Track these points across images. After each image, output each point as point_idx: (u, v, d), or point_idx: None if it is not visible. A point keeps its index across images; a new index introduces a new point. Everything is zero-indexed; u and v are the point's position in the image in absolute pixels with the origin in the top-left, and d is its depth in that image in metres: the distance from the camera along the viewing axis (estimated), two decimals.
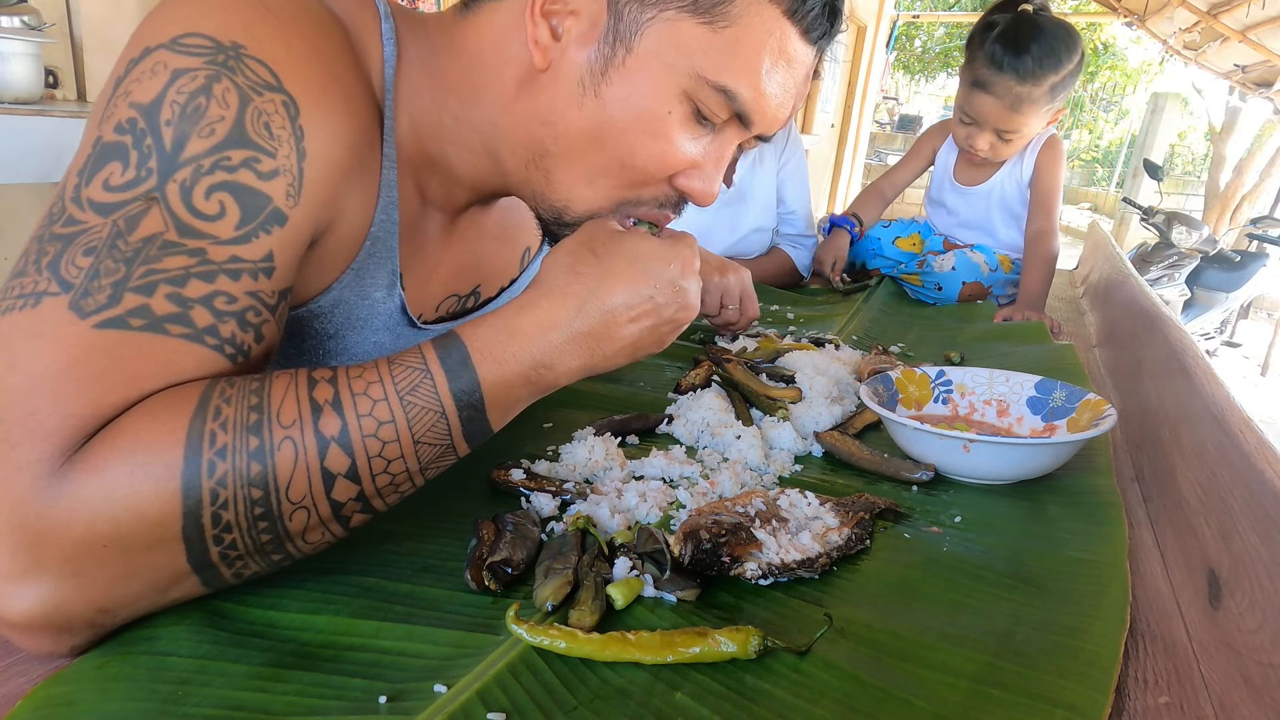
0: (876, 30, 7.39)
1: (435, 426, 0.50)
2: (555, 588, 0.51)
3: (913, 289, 1.62)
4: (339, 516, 0.49)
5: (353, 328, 0.66)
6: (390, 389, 0.49)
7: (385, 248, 0.64)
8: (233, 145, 0.49)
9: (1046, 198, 1.56)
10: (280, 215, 0.51)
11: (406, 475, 0.50)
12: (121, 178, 0.47)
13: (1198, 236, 5.16)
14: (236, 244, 0.49)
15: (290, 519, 0.47)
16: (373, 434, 0.48)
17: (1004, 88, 1.44)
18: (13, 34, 1.58)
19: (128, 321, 0.45)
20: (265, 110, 0.50)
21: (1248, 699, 0.47)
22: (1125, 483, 0.78)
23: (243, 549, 0.46)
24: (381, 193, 0.62)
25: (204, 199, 0.48)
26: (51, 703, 0.42)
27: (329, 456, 0.46)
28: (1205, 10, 4.39)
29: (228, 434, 0.44)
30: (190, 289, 0.47)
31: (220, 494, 0.44)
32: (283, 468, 0.45)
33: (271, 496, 0.45)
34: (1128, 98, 15.57)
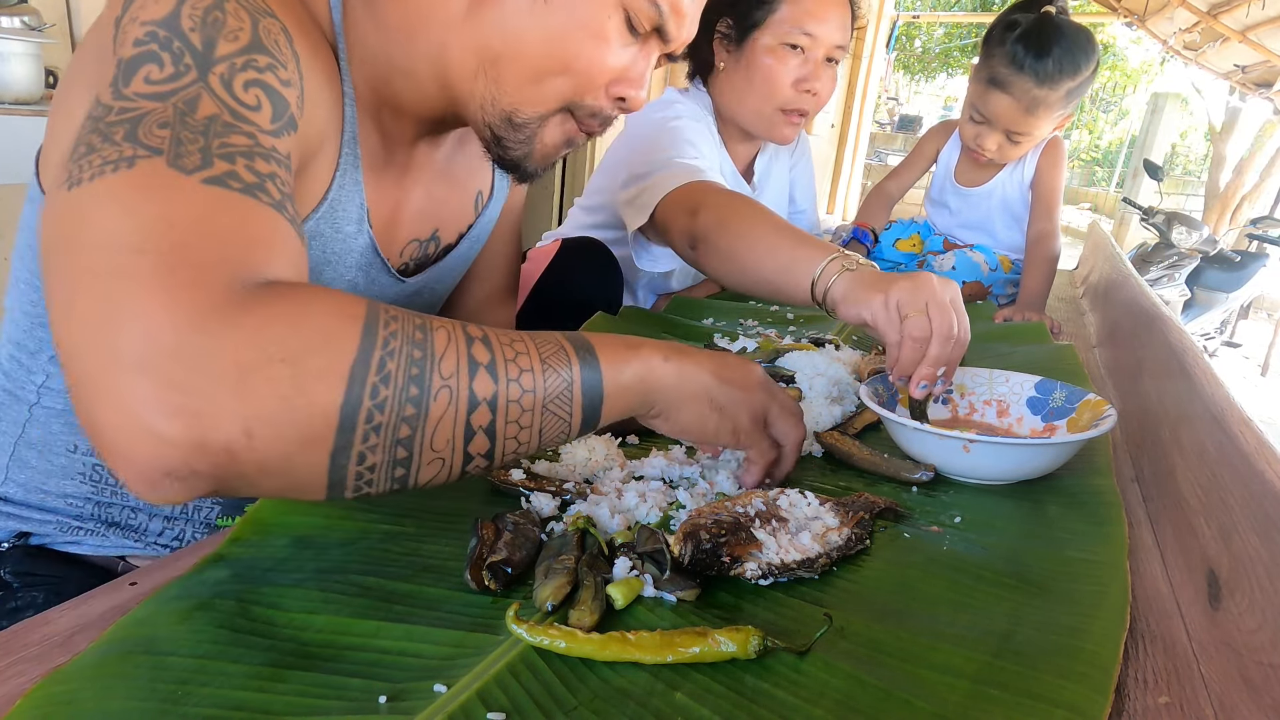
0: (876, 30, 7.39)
1: (563, 403, 0.53)
2: (555, 588, 0.51)
3: None
4: (464, 469, 0.50)
5: (328, 262, 0.70)
6: (536, 361, 0.51)
7: (352, 180, 0.68)
8: (257, 50, 0.53)
9: (1048, 199, 1.56)
10: (294, 122, 0.55)
11: (528, 444, 0.52)
12: (161, 74, 0.48)
13: (1198, 237, 5.16)
14: (274, 135, 0.52)
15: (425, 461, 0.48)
16: (516, 400, 0.50)
17: (1022, 89, 1.43)
18: (13, 34, 1.59)
19: (228, 182, 0.46)
20: (272, 30, 0.55)
21: (1248, 699, 0.47)
22: (1125, 483, 0.78)
23: (387, 426, 0.45)
24: (345, 128, 0.67)
25: (243, 90, 0.51)
26: (51, 701, 0.42)
27: (476, 413, 0.48)
28: (1205, 10, 4.39)
29: (394, 361, 0.45)
30: (259, 165, 0.49)
31: (387, 364, 0.45)
32: (435, 413, 0.47)
33: (417, 435, 0.46)
34: (1128, 98, 15.57)
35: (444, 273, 0.86)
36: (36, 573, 0.73)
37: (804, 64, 1.31)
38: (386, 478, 0.47)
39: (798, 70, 1.31)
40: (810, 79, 1.32)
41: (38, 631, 0.49)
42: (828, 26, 1.29)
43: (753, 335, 1.17)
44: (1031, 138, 1.51)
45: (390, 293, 0.79)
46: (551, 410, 0.52)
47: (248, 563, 0.55)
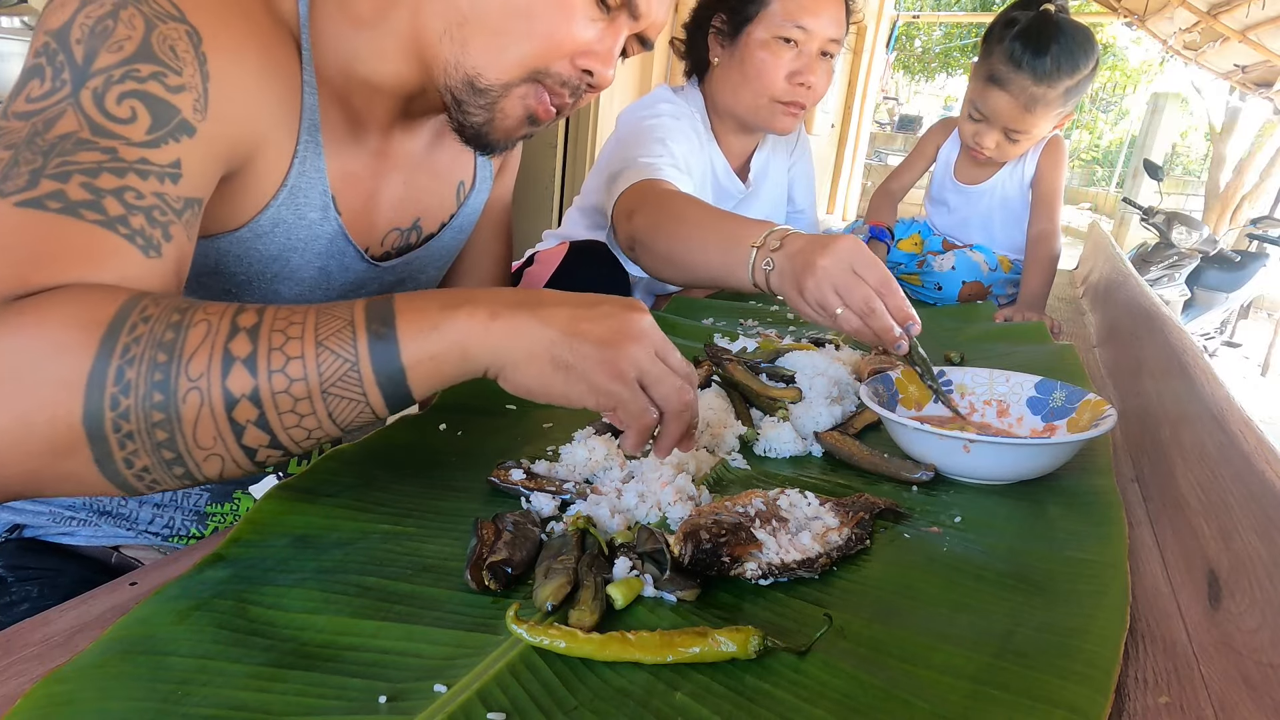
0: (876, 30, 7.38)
1: (349, 384, 0.50)
2: (555, 588, 0.51)
3: (913, 289, 1.62)
4: (254, 461, 0.50)
5: (294, 249, 0.71)
6: (310, 345, 0.49)
7: (313, 168, 0.69)
8: (141, 60, 0.54)
9: (1048, 199, 1.55)
10: (188, 126, 0.56)
11: (319, 429, 0.51)
12: (40, 90, 0.51)
13: (1198, 236, 5.16)
14: (146, 147, 0.53)
15: (199, 459, 0.48)
16: (284, 390, 0.48)
17: (1019, 86, 1.43)
18: (13, 34, 1.59)
19: (45, 203, 0.48)
20: (170, 36, 0.55)
21: (1248, 699, 0.47)
22: (1125, 483, 0.78)
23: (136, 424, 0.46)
24: (304, 116, 0.68)
25: (116, 104, 0.52)
26: (51, 701, 0.42)
27: (237, 410, 0.48)
28: (1205, 10, 4.39)
29: (134, 369, 0.46)
30: (102, 180, 0.51)
31: (123, 425, 0.46)
32: (188, 416, 0.47)
33: (177, 438, 0.47)
34: (1128, 98, 15.57)
35: (426, 261, 0.86)
36: (30, 566, 0.74)
37: (797, 57, 1.32)
38: (169, 475, 0.49)
39: (791, 64, 1.32)
40: (804, 72, 1.32)
41: (38, 631, 0.49)
42: (820, 20, 1.30)
43: (753, 335, 1.17)
44: (1030, 136, 1.50)
45: (366, 278, 0.80)
46: (336, 394, 0.50)
47: (248, 563, 0.55)
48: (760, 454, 0.79)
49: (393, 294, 0.53)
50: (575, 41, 0.68)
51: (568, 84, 0.70)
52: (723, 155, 1.46)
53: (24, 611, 0.70)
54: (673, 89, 1.45)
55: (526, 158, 1.00)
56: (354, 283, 0.79)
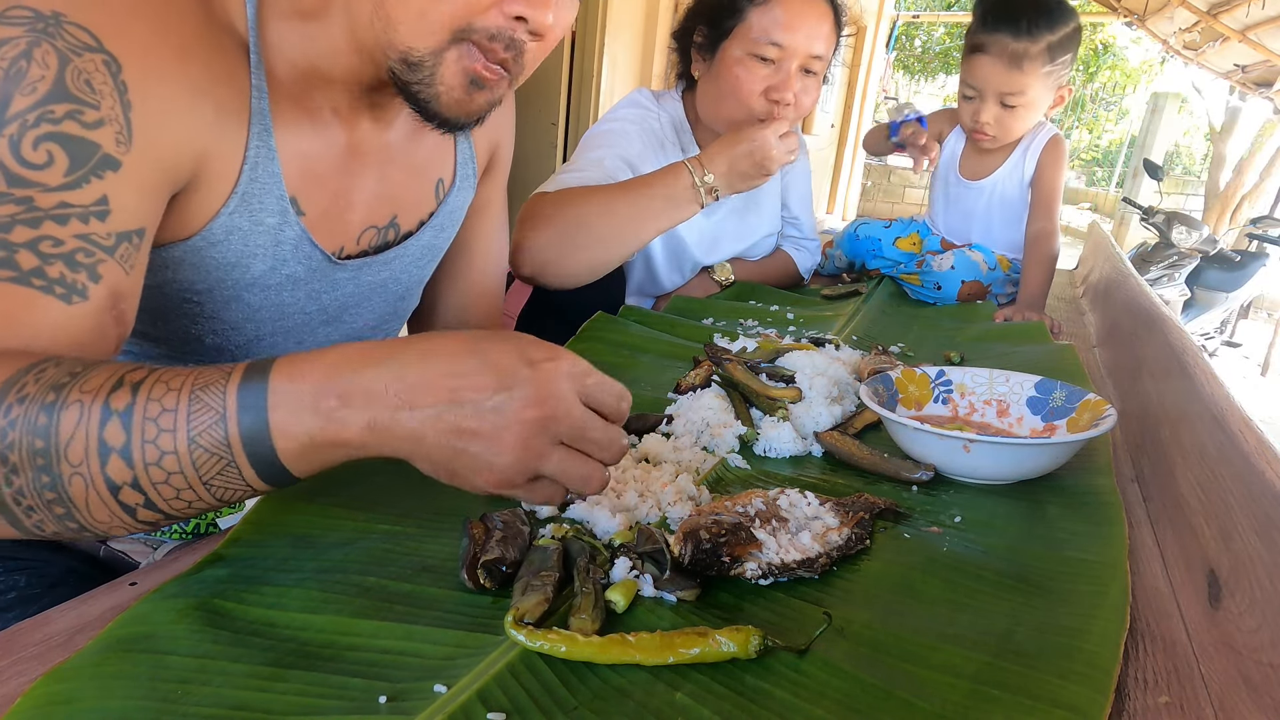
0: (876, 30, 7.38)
1: (225, 471, 0.49)
2: (532, 605, 0.50)
3: (912, 289, 1.62)
4: (155, 527, 0.51)
5: (254, 255, 0.69)
6: (183, 431, 0.47)
7: (267, 173, 0.68)
8: (55, 100, 0.53)
9: (1048, 197, 1.55)
10: (112, 160, 0.55)
11: (200, 504, 0.50)
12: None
13: (1198, 236, 5.16)
14: (66, 190, 0.53)
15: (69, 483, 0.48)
16: (163, 481, 0.48)
17: (999, 46, 1.46)
18: None
19: None
20: (85, 69, 0.54)
21: (1248, 699, 0.47)
22: (1125, 483, 0.78)
23: (32, 500, 0.48)
24: (254, 121, 0.66)
25: (32, 149, 0.52)
26: (51, 700, 0.42)
27: (122, 494, 0.48)
28: (1205, 10, 4.39)
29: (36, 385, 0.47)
30: (15, 235, 0.51)
31: (9, 434, 0.47)
32: (77, 499, 0.48)
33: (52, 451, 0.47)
34: (1128, 98, 15.57)
35: (407, 263, 0.85)
36: (19, 556, 0.74)
37: (774, 74, 1.27)
38: (84, 536, 0.50)
39: (766, 80, 1.27)
40: (780, 89, 1.27)
41: (38, 631, 0.49)
42: (798, 36, 1.25)
43: (753, 335, 1.17)
44: (1026, 101, 1.50)
45: (338, 280, 0.78)
46: (216, 484, 0.49)
47: (247, 562, 0.55)
48: (760, 454, 0.79)
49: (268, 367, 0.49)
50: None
51: (499, 37, 0.65)
52: None
53: (11, 600, 0.71)
54: (653, 93, 1.44)
55: (524, 155, 1.00)
56: (327, 286, 0.77)
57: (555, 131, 4.02)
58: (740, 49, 1.28)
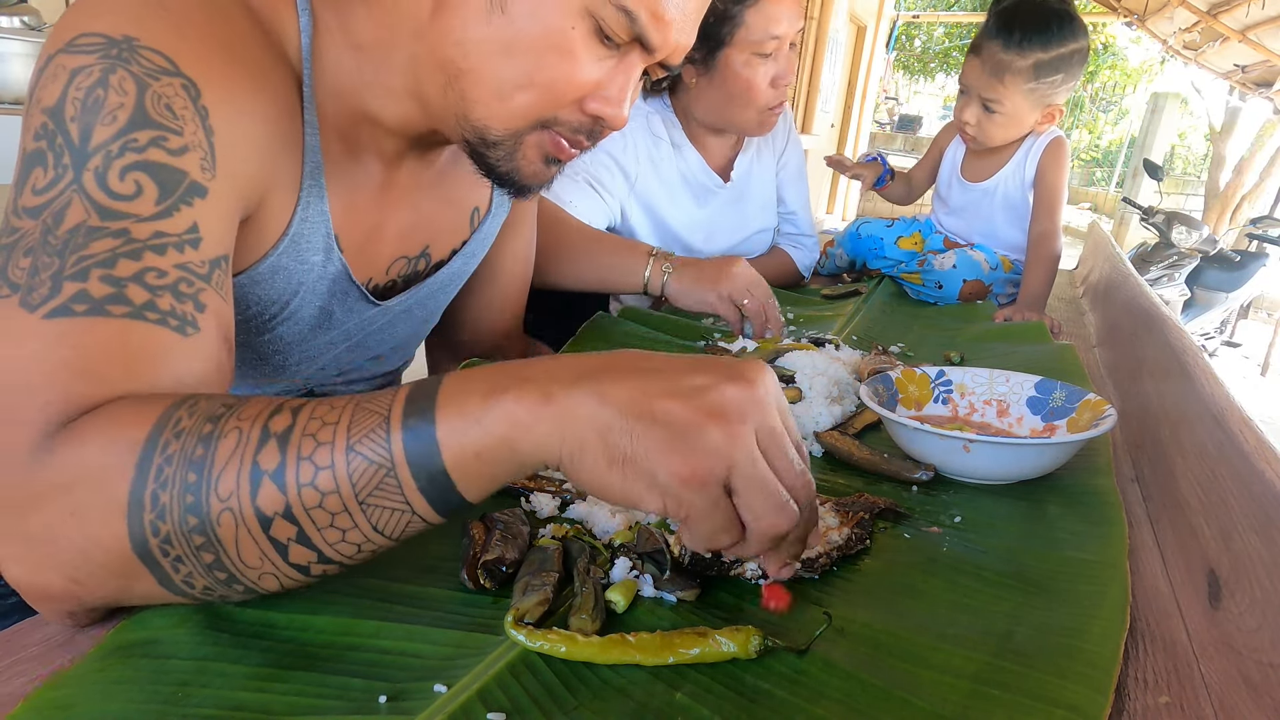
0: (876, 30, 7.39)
1: (389, 494, 0.43)
2: (532, 605, 0.50)
3: (913, 288, 1.62)
4: (311, 576, 0.46)
5: (295, 293, 0.69)
6: (341, 454, 0.43)
7: (317, 212, 0.67)
8: (137, 127, 0.51)
9: (1050, 199, 1.55)
10: (199, 187, 0.53)
11: (369, 542, 0.45)
12: (44, 179, 0.49)
13: (1198, 236, 5.16)
14: (158, 219, 0.51)
15: (253, 579, 0.46)
16: (317, 505, 0.43)
17: (989, 52, 1.48)
18: (13, 34, 1.59)
19: (71, 308, 0.47)
20: (164, 94, 0.52)
21: (1248, 699, 0.47)
22: (1125, 483, 0.78)
23: (180, 550, 0.44)
24: (307, 158, 0.65)
25: (119, 180, 0.50)
26: (52, 705, 0.42)
27: (273, 528, 0.43)
28: (1205, 10, 4.40)
29: (179, 441, 0.44)
30: (120, 269, 0.49)
31: (161, 529, 0.44)
32: (226, 538, 0.44)
33: (223, 559, 0.45)
34: (1128, 98, 15.57)
35: (434, 290, 0.84)
36: None
37: (774, 64, 1.33)
38: (232, 592, 0.47)
39: (769, 74, 1.33)
40: (784, 74, 1.34)
41: (38, 632, 0.49)
42: (785, 23, 1.30)
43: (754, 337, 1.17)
44: (1004, 111, 1.51)
45: (372, 316, 0.78)
46: (375, 504, 0.43)
47: None
48: None
49: (440, 378, 0.45)
50: (579, 86, 0.63)
51: (580, 129, 0.66)
52: (699, 155, 1.45)
53: (12, 604, 0.70)
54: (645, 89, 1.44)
55: None
56: (357, 320, 0.78)
57: None
58: (743, 52, 1.30)
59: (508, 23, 0.60)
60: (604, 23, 0.61)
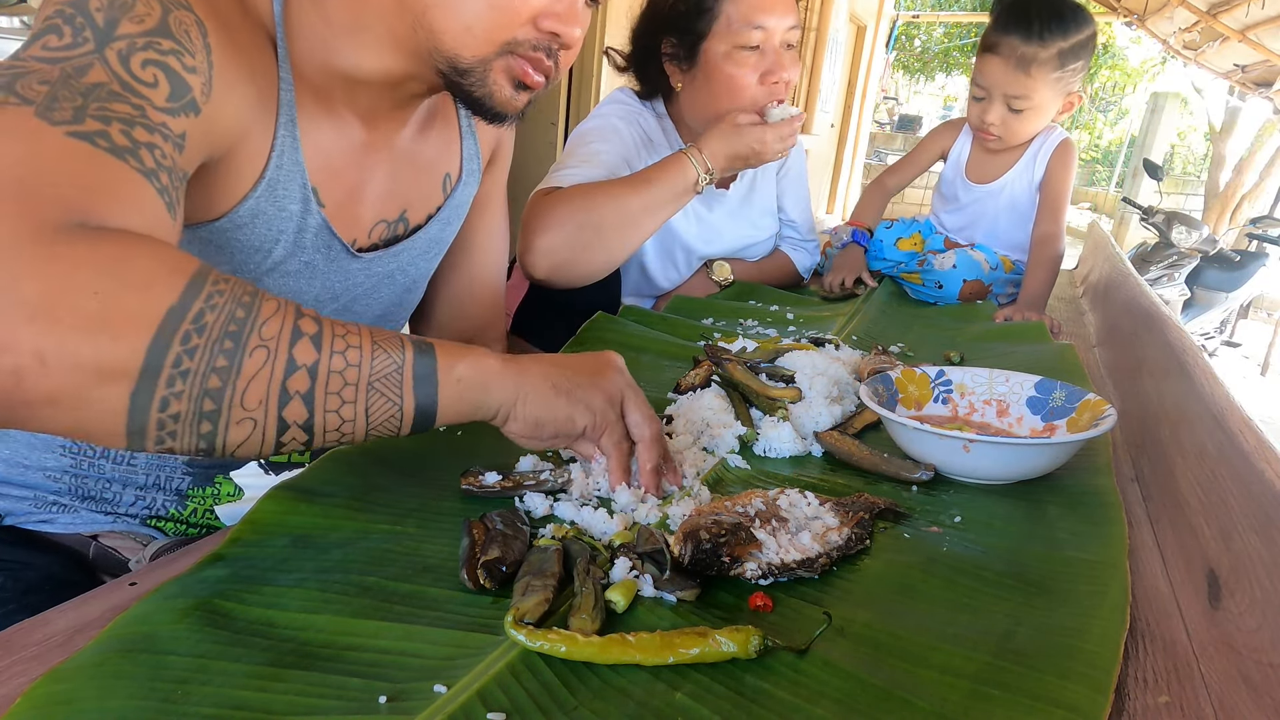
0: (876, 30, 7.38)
1: (391, 384, 0.54)
2: (532, 606, 0.50)
3: (913, 288, 1.62)
4: (278, 439, 0.52)
5: (277, 240, 0.72)
6: (367, 340, 0.53)
7: (291, 161, 0.71)
8: (162, 35, 0.56)
9: (1055, 201, 1.55)
10: (195, 105, 0.58)
11: (351, 423, 0.53)
12: (59, 43, 0.53)
13: (1198, 236, 5.16)
14: (166, 114, 0.55)
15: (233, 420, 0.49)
16: (339, 371, 0.52)
17: (1009, 48, 1.46)
18: (13, 34, 1.59)
19: (95, 140, 0.49)
20: (184, 21, 0.58)
21: (1248, 699, 0.47)
22: (1125, 483, 0.78)
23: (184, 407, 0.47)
24: (281, 111, 0.69)
25: (141, 68, 0.54)
26: (51, 700, 0.42)
27: (293, 377, 0.50)
28: (1205, 10, 4.40)
29: (213, 314, 0.47)
30: (137, 133, 0.52)
31: (184, 361, 0.46)
32: (248, 369, 0.48)
33: (227, 389, 0.48)
34: (1128, 98, 15.58)
35: (415, 255, 0.87)
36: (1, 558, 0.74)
37: (763, 58, 1.26)
38: (191, 431, 0.48)
39: (758, 67, 1.26)
40: (775, 70, 1.26)
41: (38, 631, 0.49)
42: (775, 15, 1.25)
43: (752, 335, 1.17)
44: (1032, 105, 1.50)
45: (353, 271, 0.80)
46: (378, 389, 0.53)
47: (247, 562, 0.55)
48: (760, 454, 0.79)
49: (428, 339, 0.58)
50: (530, 5, 0.69)
51: (539, 48, 0.71)
52: None
53: (12, 606, 0.70)
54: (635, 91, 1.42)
55: (524, 153, 1.00)
56: (341, 275, 0.80)
57: (555, 131, 4.02)
58: (724, 44, 1.26)
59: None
60: None
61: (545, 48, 0.72)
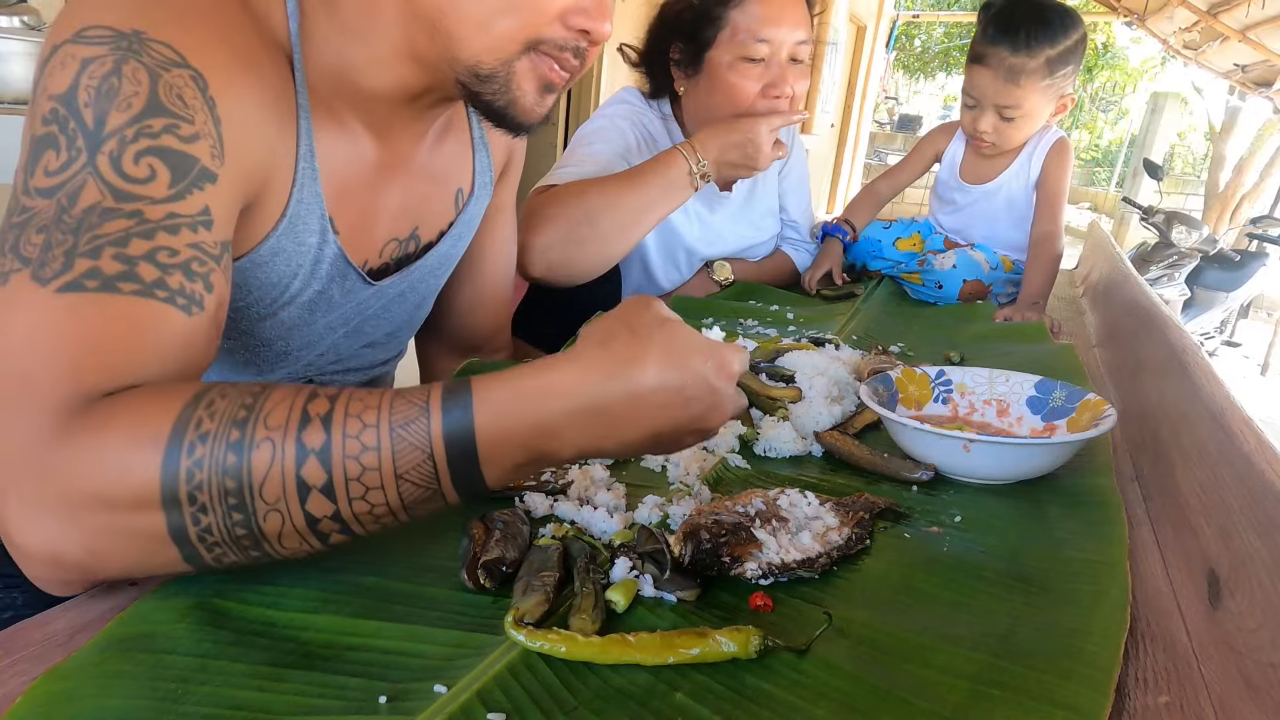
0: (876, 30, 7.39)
1: (421, 466, 0.48)
2: (532, 606, 0.50)
3: (913, 288, 1.62)
4: (315, 531, 0.48)
5: (295, 275, 0.70)
6: (385, 417, 0.48)
7: (311, 193, 0.68)
8: (151, 114, 0.53)
9: (1053, 200, 1.55)
10: (209, 173, 0.55)
11: (387, 508, 0.49)
12: (57, 162, 0.51)
13: (1198, 236, 5.16)
14: (171, 201, 0.53)
15: (265, 520, 0.47)
16: (355, 457, 0.47)
17: (998, 59, 1.45)
18: (13, 34, 1.59)
19: (83, 284, 0.49)
20: (176, 84, 0.54)
21: (1248, 699, 0.47)
22: (1125, 483, 0.78)
23: (219, 536, 0.47)
24: (300, 141, 0.66)
25: (134, 164, 0.52)
26: (51, 699, 0.42)
27: (305, 467, 0.46)
28: (1205, 10, 4.40)
29: (213, 421, 0.46)
30: (132, 248, 0.50)
31: (195, 475, 0.46)
32: (258, 466, 0.46)
33: (245, 491, 0.46)
34: (1128, 98, 15.58)
35: (425, 273, 0.85)
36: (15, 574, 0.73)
37: (767, 71, 1.25)
38: (229, 536, 0.48)
39: (761, 79, 1.26)
40: (778, 84, 1.25)
41: (38, 631, 0.49)
42: (783, 29, 1.24)
43: (753, 335, 1.17)
44: (1024, 113, 1.50)
45: (367, 299, 0.79)
46: (403, 470, 0.48)
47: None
48: (760, 454, 0.79)
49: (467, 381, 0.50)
50: (558, 2, 0.65)
51: (566, 46, 0.67)
52: None
53: (6, 620, 0.70)
54: (641, 92, 1.42)
55: (526, 159, 1.00)
56: (353, 303, 0.78)
57: (555, 131, 4.02)
58: (728, 54, 1.25)
59: None
60: None
61: (573, 46, 0.67)
